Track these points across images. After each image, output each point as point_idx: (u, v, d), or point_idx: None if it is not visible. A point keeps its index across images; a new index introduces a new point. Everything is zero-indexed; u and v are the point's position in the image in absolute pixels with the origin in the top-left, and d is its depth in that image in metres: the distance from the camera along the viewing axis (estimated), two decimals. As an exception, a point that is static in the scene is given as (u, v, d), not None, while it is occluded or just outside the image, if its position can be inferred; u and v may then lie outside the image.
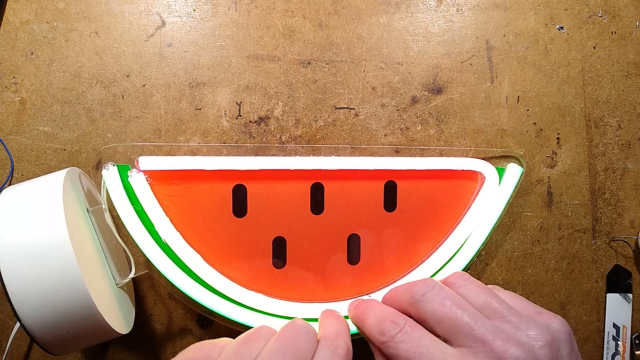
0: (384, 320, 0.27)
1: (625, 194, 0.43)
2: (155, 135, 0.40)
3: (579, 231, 0.42)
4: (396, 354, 0.25)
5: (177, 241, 0.36)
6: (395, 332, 0.26)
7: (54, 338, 0.29)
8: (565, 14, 0.42)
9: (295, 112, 0.41)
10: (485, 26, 0.42)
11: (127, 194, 0.35)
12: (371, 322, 0.28)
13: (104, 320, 0.30)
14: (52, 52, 0.39)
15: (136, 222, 0.35)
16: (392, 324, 0.26)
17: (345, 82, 0.41)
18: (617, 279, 0.42)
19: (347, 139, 0.41)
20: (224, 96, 0.40)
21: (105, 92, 0.39)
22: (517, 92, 0.42)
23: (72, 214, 0.31)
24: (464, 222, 0.39)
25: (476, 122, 0.41)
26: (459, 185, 0.40)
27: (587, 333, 0.43)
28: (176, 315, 0.40)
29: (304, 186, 0.38)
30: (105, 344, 0.40)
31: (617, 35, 0.42)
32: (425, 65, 0.41)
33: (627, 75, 0.42)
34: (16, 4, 0.39)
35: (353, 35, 0.41)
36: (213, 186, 0.38)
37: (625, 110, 0.42)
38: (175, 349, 0.40)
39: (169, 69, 0.40)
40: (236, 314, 0.36)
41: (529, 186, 0.42)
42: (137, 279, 0.39)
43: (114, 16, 0.40)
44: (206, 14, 0.40)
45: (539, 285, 0.42)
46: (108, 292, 0.33)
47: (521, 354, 0.23)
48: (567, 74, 0.42)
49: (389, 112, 0.41)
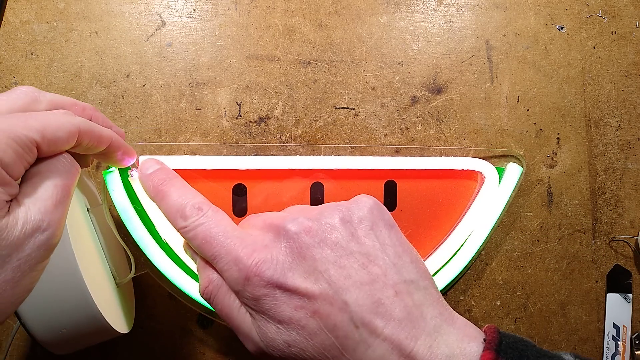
0: (188, 204, 0.26)
1: (625, 194, 0.43)
2: (155, 135, 0.40)
3: (579, 231, 0.42)
4: (194, 236, 0.25)
5: (177, 241, 0.36)
6: (197, 216, 0.25)
7: (54, 337, 0.29)
8: (565, 14, 0.42)
9: (295, 112, 0.41)
10: (485, 26, 0.42)
11: (127, 194, 0.35)
12: (174, 203, 0.26)
13: (104, 320, 0.30)
14: (52, 52, 0.39)
15: (136, 222, 0.35)
16: (194, 209, 0.25)
17: (345, 82, 0.41)
18: (617, 279, 0.42)
19: (347, 139, 0.41)
20: (224, 96, 0.40)
21: (105, 92, 0.39)
22: (517, 92, 0.42)
23: (72, 214, 0.31)
24: (463, 222, 0.39)
25: (476, 122, 0.41)
26: (459, 185, 0.40)
27: (587, 333, 0.43)
28: (176, 315, 0.40)
29: (304, 186, 0.38)
30: (105, 344, 0.40)
31: (617, 35, 0.42)
32: (425, 65, 0.41)
33: (627, 75, 0.42)
34: (16, 4, 0.39)
35: (353, 35, 0.41)
36: (213, 186, 0.38)
37: (625, 110, 0.42)
38: (175, 349, 0.40)
39: (169, 69, 0.40)
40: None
41: (529, 186, 0.42)
42: (137, 279, 0.39)
43: (114, 16, 0.40)
44: (206, 14, 0.40)
45: (539, 285, 0.42)
46: (108, 291, 0.33)
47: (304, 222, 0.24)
48: (567, 74, 0.42)
49: (389, 112, 0.41)
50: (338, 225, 0.24)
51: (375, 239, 0.24)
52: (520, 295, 0.42)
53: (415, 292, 0.23)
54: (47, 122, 0.22)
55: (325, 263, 0.23)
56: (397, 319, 0.21)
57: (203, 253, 0.25)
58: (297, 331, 0.22)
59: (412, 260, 0.24)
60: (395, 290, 0.22)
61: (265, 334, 0.23)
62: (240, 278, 0.23)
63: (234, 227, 0.25)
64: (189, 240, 0.26)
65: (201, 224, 0.25)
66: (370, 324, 0.21)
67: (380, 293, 0.22)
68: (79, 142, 0.24)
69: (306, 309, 0.22)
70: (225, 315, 0.25)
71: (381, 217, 0.25)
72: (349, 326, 0.21)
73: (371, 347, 0.21)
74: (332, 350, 0.22)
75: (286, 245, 0.23)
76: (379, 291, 0.22)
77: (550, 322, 0.43)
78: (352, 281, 0.22)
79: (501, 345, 0.21)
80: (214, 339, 0.40)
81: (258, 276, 0.23)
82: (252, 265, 0.23)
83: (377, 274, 0.22)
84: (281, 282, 0.22)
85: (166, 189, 0.27)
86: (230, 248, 0.24)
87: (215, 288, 0.25)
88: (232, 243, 0.24)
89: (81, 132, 0.24)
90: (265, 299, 0.23)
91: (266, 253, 0.23)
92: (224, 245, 0.24)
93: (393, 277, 0.23)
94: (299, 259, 0.23)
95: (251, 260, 0.23)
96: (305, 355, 0.22)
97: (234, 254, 0.24)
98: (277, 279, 0.22)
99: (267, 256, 0.23)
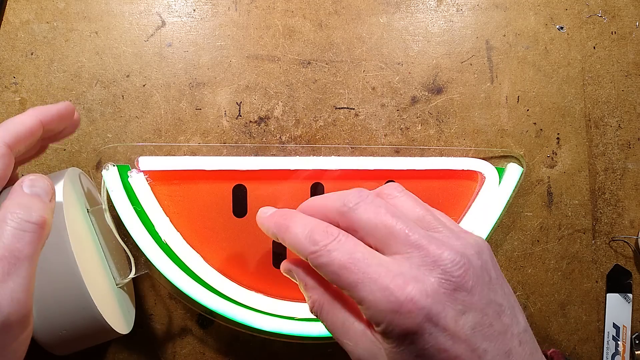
0: (316, 229, 0.25)
1: (625, 194, 0.43)
2: (155, 135, 0.40)
3: (579, 231, 0.42)
4: (328, 262, 0.24)
5: (177, 241, 0.36)
6: (329, 240, 0.24)
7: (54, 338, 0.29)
8: (565, 14, 0.42)
9: (295, 112, 0.41)
10: (485, 26, 0.42)
11: (127, 194, 0.35)
12: (299, 231, 0.25)
13: (104, 321, 0.30)
14: (52, 52, 0.39)
15: (136, 222, 0.35)
16: (325, 233, 0.24)
17: (345, 82, 0.41)
18: (617, 279, 0.42)
19: (347, 139, 0.41)
20: (224, 96, 0.40)
21: (105, 92, 0.39)
22: (517, 92, 0.42)
23: (72, 214, 0.31)
24: (464, 222, 0.39)
25: (476, 122, 0.41)
26: (459, 185, 0.40)
27: (587, 333, 0.43)
28: (176, 315, 0.40)
29: (304, 186, 0.38)
30: (105, 344, 0.40)
31: (617, 35, 0.42)
32: (425, 65, 0.41)
33: (627, 75, 0.42)
34: (16, 4, 0.39)
35: (353, 35, 0.41)
36: (213, 186, 0.38)
37: (625, 110, 0.42)
38: (175, 349, 0.40)
39: (169, 69, 0.40)
40: (236, 314, 0.36)
41: (529, 186, 0.42)
42: (137, 279, 0.39)
43: (114, 16, 0.40)
44: (206, 14, 0.40)
45: (539, 285, 0.42)
46: (108, 292, 0.33)
47: (455, 257, 0.23)
48: (567, 74, 0.42)
49: (389, 112, 0.41)
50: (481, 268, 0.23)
51: (502, 288, 0.24)
52: (520, 295, 0.42)
53: (530, 341, 0.23)
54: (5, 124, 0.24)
55: (474, 307, 0.22)
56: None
57: (340, 281, 0.24)
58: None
59: (520, 308, 0.24)
60: (519, 340, 0.23)
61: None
62: (390, 309, 0.22)
63: (372, 254, 0.24)
64: (321, 267, 0.24)
65: (336, 249, 0.24)
66: None
67: (510, 343, 0.22)
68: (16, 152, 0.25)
69: (450, 352, 0.22)
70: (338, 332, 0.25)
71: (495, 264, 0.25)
72: None
73: None
74: None
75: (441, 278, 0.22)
76: (509, 341, 0.22)
77: (550, 322, 0.43)
78: (492, 330, 0.22)
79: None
80: (214, 339, 0.40)
81: (414, 308, 0.22)
82: (407, 299, 0.22)
83: (508, 324, 0.23)
84: (436, 319, 0.22)
85: (289, 222, 0.26)
86: (375, 277, 0.23)
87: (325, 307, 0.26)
88: (376, 272, 0.23)
89: (9, 145, 0.25)
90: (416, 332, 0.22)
91: (420, 286, 0.22)
92: (366, 274, 0.23)
93: (517, 327, 0.23)
94: (452, 298, 0.22)
95: (406, 293, 0.22)
96: None
97: (381, 284, 0.22)
98: (434, 314, 0.22)
99: (422, 288, 0.22)
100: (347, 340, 0.25)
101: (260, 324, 0.36)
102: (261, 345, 0.40)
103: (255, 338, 0.40)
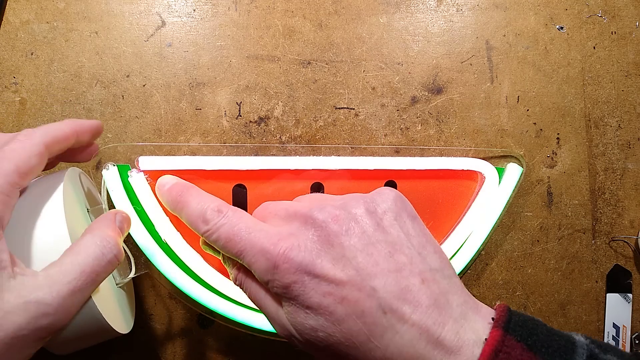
0: (208, 209, 0.26)
1: (625, 194, 0.43)
2: (155, 135, 0.40)
3: (579, 231, 0.42)
4: (217, 238, 0.25)
5: (177, 241, 0.36)
6: (218, 218, 0.26)
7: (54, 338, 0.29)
8: (565, 14, 0.42)
9: (295, 112, 0.41)
10: (485, 26, 0.42)
11: (127, 194, 0.35)
12: (193, 211, 0.27)
13: (104, 320, 0.30)
14: (52, 52, 0.39)
15: (136, 222, 0.35)
16: (214, 212, 0.26)
17: (345, 82, 0.41)
18: (617, 279, 0.42)
19: (347, 139, 0.41)
20: (224, 96, 0.40)
21: (105, 92, 0.39)
22: (517, 92, 0.42)
23: (72, 214, 0.31)
24: (463, 222, 0.39)
25: (476, 122, 0.41)
26: (459, 185, 0.40)
27: (587, 333, 0.43)
28: (176, 315, 0.40)
29: (304, 186, 0.38)
30: (105, 344, 0.40)
31: (617, 35, 0.42)
32: (425, 65, 0.41)
33: (627, 75, 0.42)
34: (16, 4, 0.39)
35: (353, 35, 0.41)
36: (213, 186, 0.38)
37: (625, 110, 0.42)
38: (175, 349, 0.40)
39: (169, 69, 0.40)
40: (236, 314, 0.36)
41: (529, 186, 0.42)
42: (137, 279, 0.39)
43: (114, 16, 0.40)
44: (206, 14, 0.40)
45: (539, 285, 0.42)
46: (108, 292, 0.33)
47: (333, 211, 0.24)
48: (567, 74, 0.42)
49: (389, 112, 0.41)
50: (364, 214, 0.24)
51: (400, 229, 0.24)
52: (520, 295, 0.42)
53: (440, 280, 0.23)
54: (18, 157, 0.24)
55: (353, 250, 0.23)
56: (425, 305, 0.22)
57: (230, 252, 0.25)
58: (325, 317, 0.22)
59: (435, 250, 0.24)
60: (421, 278, 0.22)
61: (294, 319, 0.23)
62: (269, 267, 0.23)
63: (255, 222, 0.25)
64: (214, 243, 0.26)
65: (223, 225, 0.25)
66: (398, 310, 0.21)
67: (407, 280, 0.22)
68: (50, 152, 0.26)
69: (334, 295, 0.22)
70: (255, 302, 0.26)
71: (404, 209, 0.25)
72: (377, 312, 0.22)
73: (399, 333, 0.21)
74: (360, 336, 0.22)
75: (314, 233, 0.24)
76: (405, 279, 0.22)
77: (550, 322, 0.43)
78: (379, 268, 0.22)
79: (510, 323, 0.21)
80: (214, 339, 0.40)
81: (287, 263, 0.23)
82: (280, 254, 0.23)
83: (404, 262, 0.23)
84: (310, 268, 0.23)
85: (185, 199, 0.28)
86: (254, 241, 0.24)
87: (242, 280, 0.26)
88: (256, 236, 0.24)
89: (47, 145, 0.26)
90: (294, 286, 0.23)
91: (293, 240, 0.23)
92: (248, 240, 0.24)
93: (419, 265, 0.23)
94: (327, 246, 0.23)
95: (278, 249, 0.23)
96: (332, 340, 0.22)
97: (259, 246, 0.24)
98: (305, 265, 0.23)
99: (295, 243, 0.23)
100: (263, 309, 0.26)
101: (260, 324, 0.36)
102: (261, 345, 0.40)
103: (255, 338, 0.40)
